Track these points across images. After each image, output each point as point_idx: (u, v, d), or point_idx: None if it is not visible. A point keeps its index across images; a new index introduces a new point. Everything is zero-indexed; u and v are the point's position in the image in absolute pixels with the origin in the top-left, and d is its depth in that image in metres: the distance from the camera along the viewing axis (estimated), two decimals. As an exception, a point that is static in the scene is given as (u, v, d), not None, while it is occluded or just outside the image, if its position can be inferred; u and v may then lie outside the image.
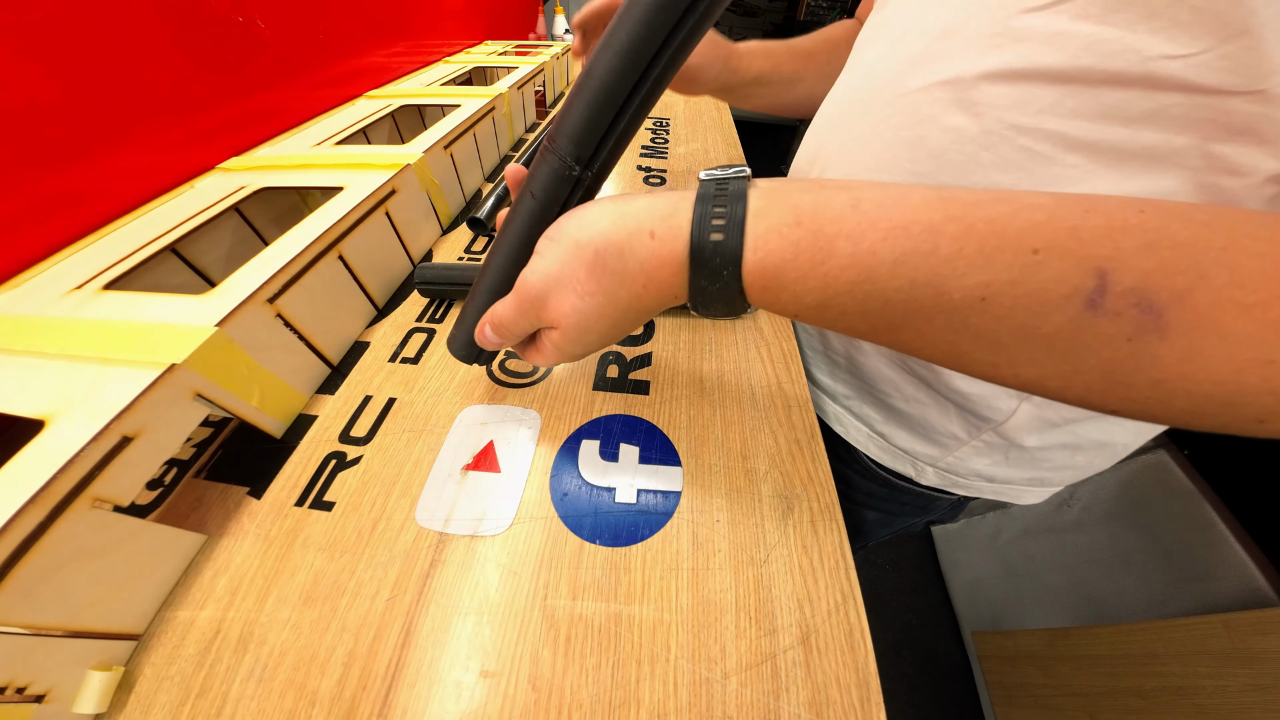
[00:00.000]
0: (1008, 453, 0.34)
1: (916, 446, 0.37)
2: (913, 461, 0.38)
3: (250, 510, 0.26)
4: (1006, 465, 0.35)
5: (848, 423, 0.41)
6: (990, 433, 0.33)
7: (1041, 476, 0.36)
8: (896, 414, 0.37)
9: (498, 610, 0.22)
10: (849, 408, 0.40)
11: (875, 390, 0.37)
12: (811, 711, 0.19)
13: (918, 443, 0.37)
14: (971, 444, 0.34)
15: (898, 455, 0.39)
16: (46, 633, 0.18)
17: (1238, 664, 0.61)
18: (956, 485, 0.38)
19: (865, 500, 0.45)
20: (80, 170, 0.31)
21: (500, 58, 0.79)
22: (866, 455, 0.41)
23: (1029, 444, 0.33)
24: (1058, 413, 0.30)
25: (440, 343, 0.35)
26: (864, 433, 0.40)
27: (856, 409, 0.40)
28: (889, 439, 0.39)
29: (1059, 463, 0.34)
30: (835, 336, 0.38)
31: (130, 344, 0.23)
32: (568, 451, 0.28)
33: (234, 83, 0.42)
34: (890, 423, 0.38)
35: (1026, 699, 0.87)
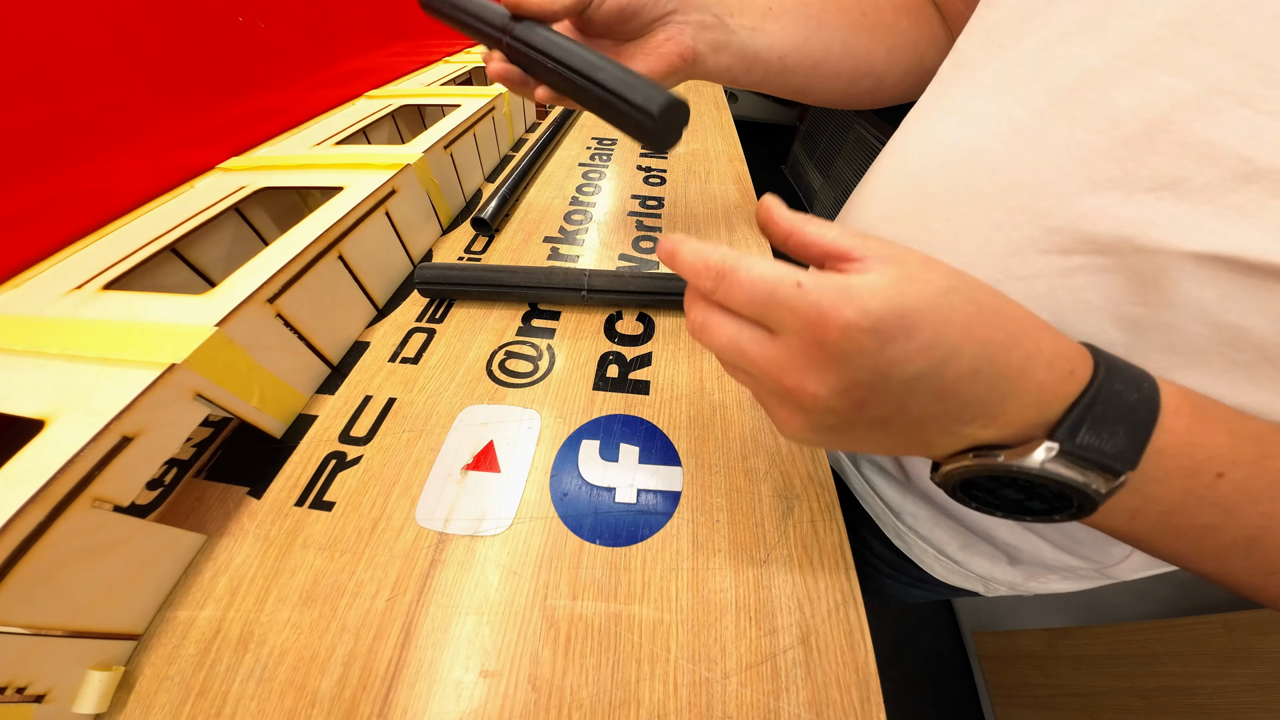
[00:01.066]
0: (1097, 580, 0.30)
1: (996, 573, 0.33)
2: (985, 583, 0.34)
3: (250, 510, 0.26)
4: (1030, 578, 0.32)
5: (911, 540, 0.36)
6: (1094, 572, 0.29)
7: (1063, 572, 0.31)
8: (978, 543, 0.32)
9: (498, 610, 0.22)
10: (914, 528, 0.35)
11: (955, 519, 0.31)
12: (811, 711, 0.19)
13: (998, 569, 0.32)
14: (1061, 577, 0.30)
15: (969, 578, 0.34)
16: (46, 633, 0.18)
17: (1238, 664, 0.61)
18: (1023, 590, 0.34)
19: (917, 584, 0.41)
20: (80, 170, 0.31)
21: (500, 58, 0.79)
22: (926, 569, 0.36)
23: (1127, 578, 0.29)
24: None
25: (440, 343, 0.35)
26: (931, 554, 0.35)
27: (926, 532, 0.34)
28: (964, 565, 0.34)
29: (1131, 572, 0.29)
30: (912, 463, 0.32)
31: (130, 344, 0.23)
32: (568, 451, 0.28)
33: (234, 83, 0.42)
34: (969, 550, 0.33)
35: (1026, 699, 0.87)
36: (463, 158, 0.51)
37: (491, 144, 0.59)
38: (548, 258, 0.44)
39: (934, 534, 0.34)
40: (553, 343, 0.35)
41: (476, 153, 0.55)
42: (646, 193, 0.56)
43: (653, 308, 0.38)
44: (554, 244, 0.46)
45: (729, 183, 0.59)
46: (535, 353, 0.34)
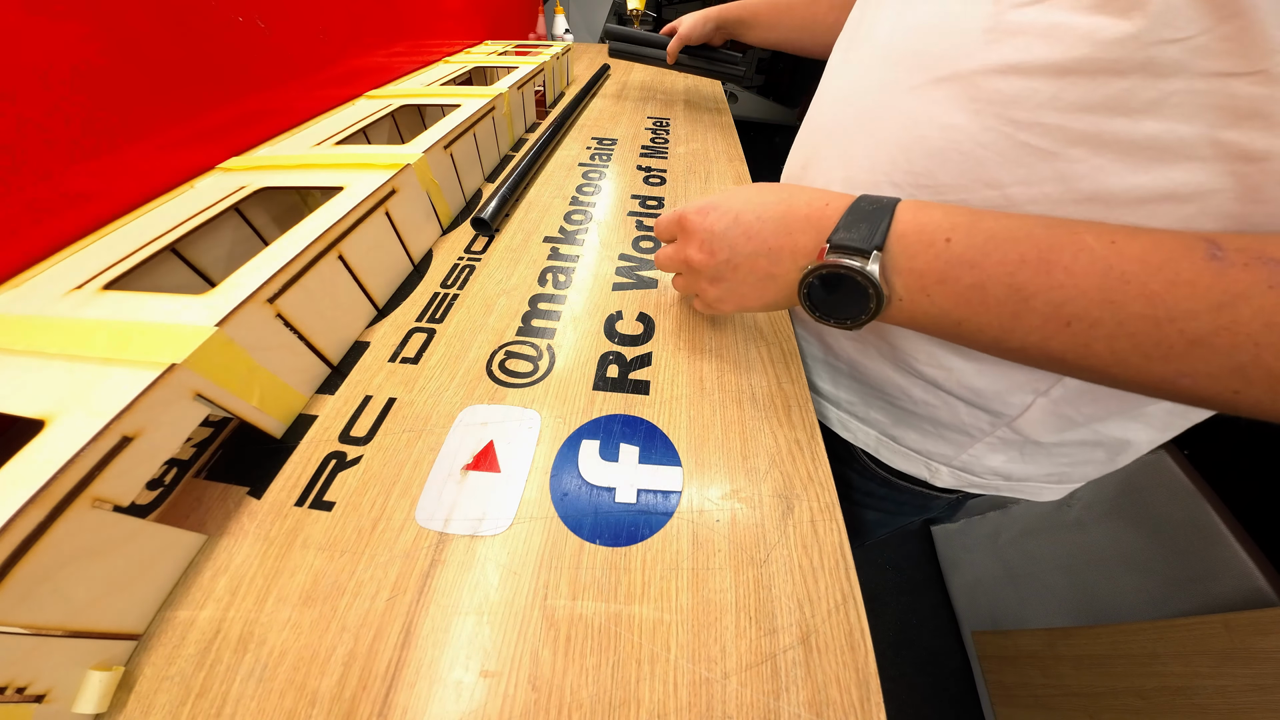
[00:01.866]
0: (1023, 449, 0.33)
1: (929, 446, 0.37)
2: (926, 463, 0.38)
3: (250, 510, 0.26)
4: (1023, 461, 0.34)
5: (854, 428, 0.41)
6: (1004, 429, 0.32)
7: (1061, 472, 0.35)
8: (906, 415, 0.36)
9: (498, 610, 0.22)
10: (854, 413, 0.40)
11: (883, 394, 0.37)
12: (811, 711, 0.19)
13: (930, 442, 0.36)
14: (985, 441, 0.34)
15: (910, 457, 0.38)
16: (46, 633, 0.18)
17: (1238, 664, 0.61)
18: (973, 485, 0.37)
19: (864, 500, 0.45)
20: (80, 170, 0.31)
21: (500, 58, 0.79)
22: (874, 457, 0.41)
23: (1045, 440, 0.32)
24: (1078, 410, 0.29)
25: (440, 342, 0.35)
26: (873, 436, 0.40)
27: (863, 414, 0.39)
28: (900, 440, 0.38)
29: (1078, 459, 0.33)
30: (839, 344, 0.38)
31: (130, 344, 0.23)
32: (568, 451, 0.28)
33: (234, 83, 0.42)
34: (900, 425, 0.37)
35: (1026, 699, 0.87)
36: (463, 158, 0.51)
37: (491, 144, 0.59)
38: (548, 258, 0.44)
39: (870, 415, 0.39)
40: (553, 343, 0.35)
41: (476, 153, 0.55)
42: (646, 193, 0.56)
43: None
44: (554, 244, 0.46)
45: (729, 182, 0.59)
46: (535, 353, 0.34)
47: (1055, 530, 0.93)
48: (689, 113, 0.82)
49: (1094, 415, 0.29)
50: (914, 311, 0.23)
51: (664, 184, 0.58)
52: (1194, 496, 0.73)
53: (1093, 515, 0.87)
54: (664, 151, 0.67)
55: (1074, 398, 0.29)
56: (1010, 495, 0.37)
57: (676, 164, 0.63)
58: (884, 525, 0.49)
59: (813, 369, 0.41)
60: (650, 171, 0.61)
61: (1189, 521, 0.73)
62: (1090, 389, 0.28)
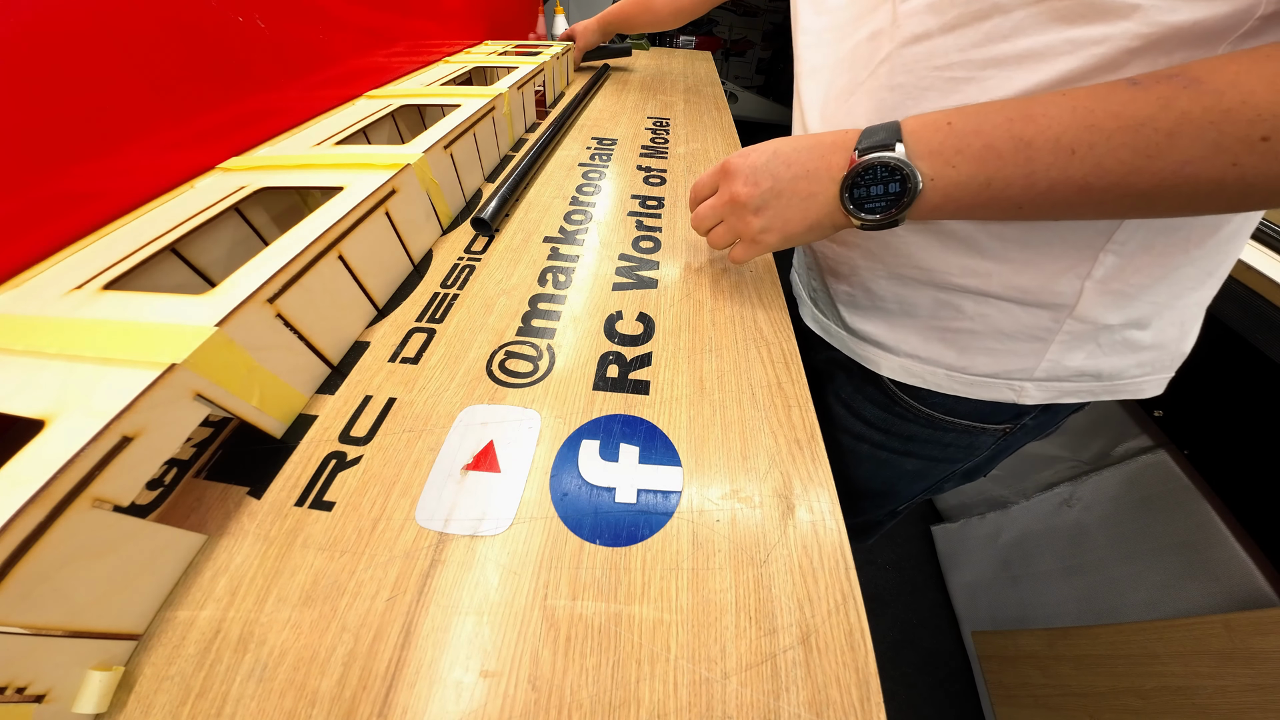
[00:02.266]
0: (1098, 339, 0.33)
1: (1004, 365, 0.36)
2: (1007, 384, 0.36)
3: (250, 510, 0.26)
4: (1105, 354, 0.34)
5: (919, 371, 0.39)
6: (1070, 321, 0.32)
7: (1150, 359, 0.35)
8: (969, 339, 0.36)
9: (498, 610, 0.22)
10: (917, 355, 0.39)
11: (939, 324, 0.36)
12: (811, 711, 0.19)
13: (1003, 361, 0.35)
14: (1058, 340, 0.33)
15: (988, 384, 0.37)
16: (46, 633, 0.18)
17: (1238, 664, 0.61)
18: (1066, 393, 0.36)
19: (903, 447, 0.44)
20: (80, 170, 0.31)
21: (500, 58, 0.79)
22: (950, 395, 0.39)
23: (1113, 321, 0.32)
24: (1127, 282, 0.30)
25: (440, 343, 0.35)
26: (941, 374, 0.38)
27: (925, 354, 0.38)
28: (970, 370, 0.37)
29: (1159, 337, 0.34)
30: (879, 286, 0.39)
31: (130, 344, 0.23)
32: (568, 451, 0.28)
33: (234, 83, 0.42)
34: (967, 353, 0.36)
35: (1026, 699, 0.87)
36: (463, 158, 0.51)
37: (491, 144, 0.59)
38: (548, 258, 0.44)
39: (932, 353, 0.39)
40: (552, 343, 0.35)
41: (476, 153, 0.55)
42: (646, 193, 0.56)
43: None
44: (554, 244, 0.46)
45: (729, 183, 0.58)
46: (535, 353, 0.34)
47: (1055, 530, 0.93)
48: (689, 113, 0.82)
49: (1143, 284, 0.31)
50: (946, 186, 0.26)
51: (664, 184, 0.58)
52: (1194, 496, 0.72)
53: (1093, 515, 0.87)
54: (664, 151, 0.67)
55: (1117, 273, 0.30)
56: (1110, 397, 0.36)
57: (676, 164, 0.63)
58: (922, 478, 0.48)
59: (867, 319, 0.41)
60: (650, 171, 0.61)
61: (1189, 521, 0.73)
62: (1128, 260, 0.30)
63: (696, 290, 0.40)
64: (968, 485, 1.16)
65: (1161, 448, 0.78)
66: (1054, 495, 0.94)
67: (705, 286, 0.41)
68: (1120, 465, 0.84)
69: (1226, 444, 0.70)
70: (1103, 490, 0.86)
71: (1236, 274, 0.69)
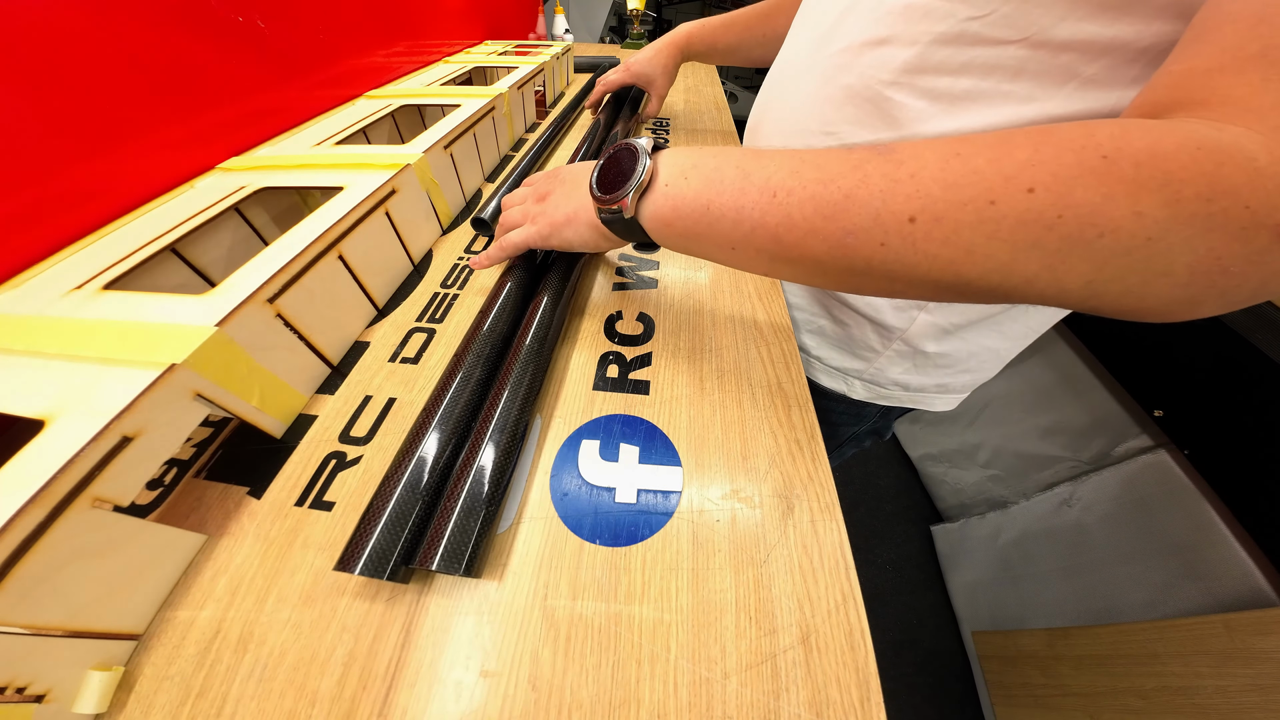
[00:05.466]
0: (915, 360, 0.41)
1: (845, 363, 0.45)
2: (844, 378, 0.46)
3: (250, 510, 0.26)
4: (916, 372, 0.42)
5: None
6: (899, 342, 0.40)
7: (946, 382, 0.43)
8: (826, 337, 0.45)
9: (498, 610, 0.22)
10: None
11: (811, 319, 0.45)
12: (811, 711, 0.19)
13: (846, 359, 0.44)
14: (885, 354, 0.41)
15: (833, 374, 0.46)
16: (46, 633, 0.18)
17: (1238, 664, 0.61)
18: (881, 396, 0.45)
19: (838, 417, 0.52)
20: (80, 170, 0.31)
21: (500, 58, 0.79)
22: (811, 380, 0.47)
23: (930, 350, 0.39)
24: (949, 320, 0.37)
25: (440, 342, 0.35)
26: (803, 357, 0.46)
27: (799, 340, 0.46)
28: (825, 361, 0.46)
29: (958, 367, 0.41)
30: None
31: (130, 344, 0.23)
32: (568, 451, 0.28)
33: (234, 83, 0.42)
34: (824, 346, 0.45)
35: (1026, 699, 0.87)
36: (463, 158, 0.51)
37: (491, 144, 0.59)
38: (548, 258, 0.44)
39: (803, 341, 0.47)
40: (553, 343, 0.35)
41: (476, 153, 0.55)
42: (646, 193, 0.56)
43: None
44: (554, 244, 0.46)
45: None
46: (535, 353, 0.34)
47: (1055, 530, 0.93)
48: (689, 113, 0.82)
49: (960, 324, 0.38)
50: (675, 197, 0.27)
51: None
52: (1194, 496, 0.73)
53: (1093, 515, 0.87)
54: (664, 151, 0.67)
55: (945, 311, 0.37)
56: (910, 405, 0.46)
57: (676, 164, 0.63)
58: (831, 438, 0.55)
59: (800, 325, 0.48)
60: (650, 171, 0.61)
61: (1189, 521, 0.73)
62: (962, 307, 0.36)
63: (696, 290, 0.40)
64: (967, 485, 1.16)
65: (1161, 448, 0.79)
66: (1054, 495, 0.94)
67: (705, 286, 0.41)
68: (1120, 465, 0.84)
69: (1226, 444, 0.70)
70: (1103, 490, 0.86)
71: (1236, 274, 0.69)
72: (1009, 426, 1.08)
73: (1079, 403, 0.93)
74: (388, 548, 0.22)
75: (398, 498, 0.23)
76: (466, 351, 0.30)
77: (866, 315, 0.40)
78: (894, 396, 0.45)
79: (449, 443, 0.26)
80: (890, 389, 0.44)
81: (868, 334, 0.41)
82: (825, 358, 0.46)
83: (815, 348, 0.46)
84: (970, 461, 1.17)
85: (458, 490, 0.24)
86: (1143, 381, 0.82)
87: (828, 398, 0.49)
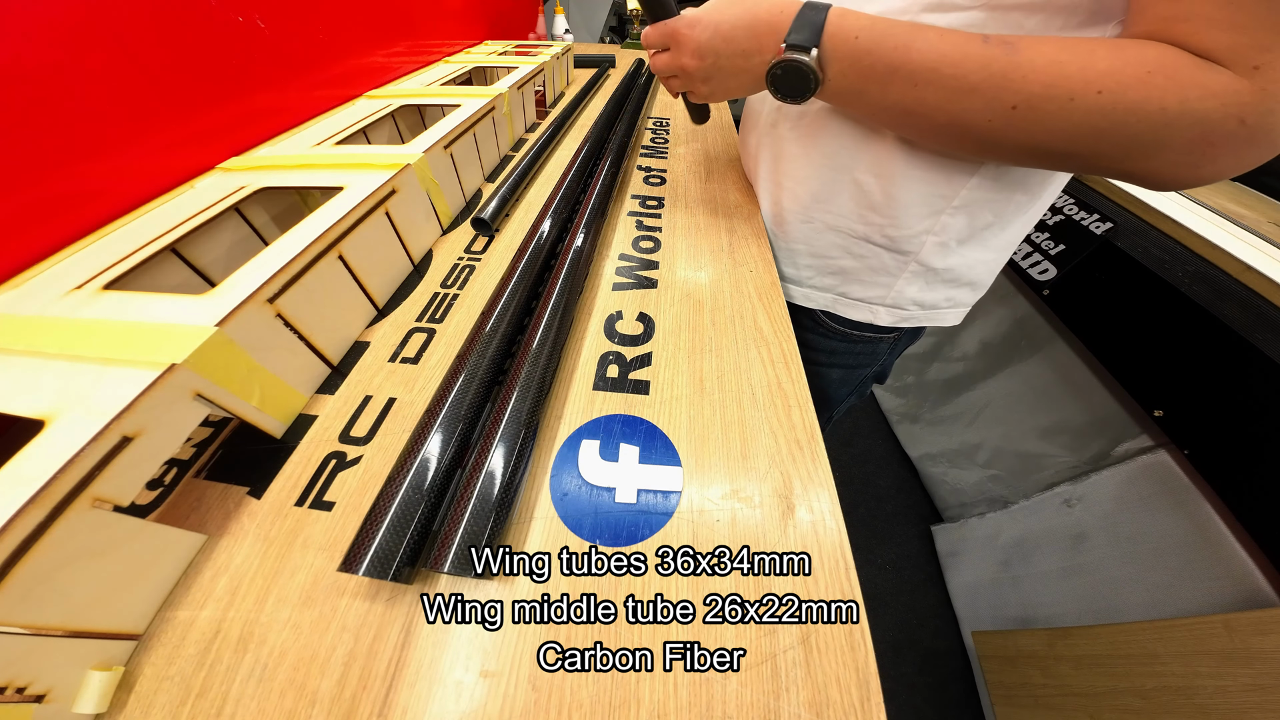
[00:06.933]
0: (926, 278, 0.46)
1: (868, 293, 0.49)
2: (869, 308, 0.50)
3: (250, 510, 0.26)
4: (929, 289, 0.47)
5: (815, 297, 0.52)
6: (914, 263, 0.44)
7: (952, 296, 0.48)
8: (849, 273, 0.48)
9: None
10: (814, 285, 0.51)
11: (830, 261, 0.48)
12: (811, 711, 0.19)
13: (868, 289, 0.48)
14: (903, 276, 0.46)
15: (858, 306, 0.50)
16: (46, 633, 0.18)
17: (1238, 664, 0.61)
18: (902, 318, 0.49)
19: (829, 359, 0.57)
20: (80, 170, 0.31)
21: (500, 58, 0.79)
22: (834, 315, 0.52)
23: (938, 266, 0.44)
24: (953, 236, 0.42)
25: (440, 342, 0.35)
26: (829, 298, 0.51)
27: (819, 283, 0.51)
28: (849, 295, 0.50)
29: (961, 280, 0.46)
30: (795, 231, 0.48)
31: (130, 344, 0.23)
32: (568, 451, 0.28)
33: (234, 83, 0.42)
34: (847, 281, 0.49)
35: (1026, 699, 0.87)
36: (462, 158, 0.51)
37: (491, 144, 0.59)
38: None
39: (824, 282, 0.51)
40: (553, 343, 0.35)
41: (476, 153, 0.55)
42: (646, 193, 0.56)
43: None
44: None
45: (729, 182, 0.59)
46: (535, 353, 0.34)
47: (1055, 530, 0.93)
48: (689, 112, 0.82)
49: (961, 239, 0.42)
50: (838, 87, 0.34)
51: (664, 184, 0.58)
52: (1194, 496, 0.72)
53: (1093, 515, 0.87)
54: (664, 151, 0.67)
55: (947, 231, 0.42)
56: (927, 323, 0.51)
57: (676, 164, 0.63)
58: (846, 383, 0.61)
59: (780, 259, 0.51)
60: (650, 171, 0.61)
61: (1189, 521, 0.73)
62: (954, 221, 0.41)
63: (696, 290, 0.40)
64: (967, 484, 1.16)
65: (1161, 448, 0.78)
66: (1054, 495, 0.94)
67: (705, 286, 0.41)
68: (1120, 465, 0.84)
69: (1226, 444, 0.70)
70: (1103, 490, 0.86)
71: (1236, 274, 0.69)
72: (1009, 426, 1.08)
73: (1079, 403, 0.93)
74: (392, 549, 0.22)
75: (401, 498, 0.23)
76: (470, 352, 0.30)
77: (882, 245, 0.44)
78: (913, 316, 0.49)
79: (453, 443, 0.26)
80: (910, 309, 0.49)
81: (885, 260, 0.45)
82: (849, 291, 0.50)
83: (839, 285, 0.50)
84: (970, 461, 1.16)
85: (468, 492, 0.23)
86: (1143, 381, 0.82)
87: (849, 339, 0.54)
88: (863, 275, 0.48)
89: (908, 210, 0.41)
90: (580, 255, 0.39)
